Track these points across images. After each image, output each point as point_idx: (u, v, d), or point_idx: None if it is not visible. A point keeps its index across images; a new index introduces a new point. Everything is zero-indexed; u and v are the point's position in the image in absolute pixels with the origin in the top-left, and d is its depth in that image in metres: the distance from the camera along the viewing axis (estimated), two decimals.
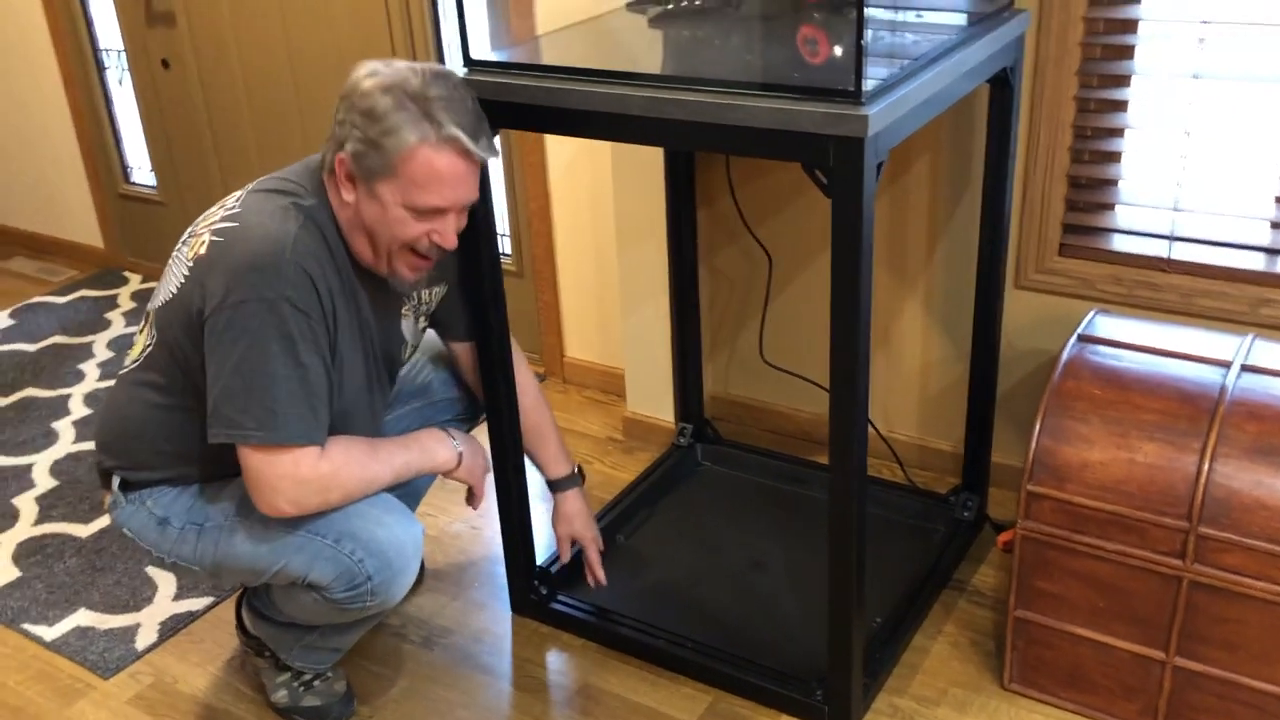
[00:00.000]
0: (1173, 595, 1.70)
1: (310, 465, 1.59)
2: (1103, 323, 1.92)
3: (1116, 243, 2.13)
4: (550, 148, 2.74)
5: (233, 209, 1.64)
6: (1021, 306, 2.24)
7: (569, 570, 2.17)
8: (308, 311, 1.58)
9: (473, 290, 1.89)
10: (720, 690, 1.95)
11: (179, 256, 1.66)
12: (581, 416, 2.83)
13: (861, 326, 1.58)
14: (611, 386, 2.89)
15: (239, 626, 1.99)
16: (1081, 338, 1.87)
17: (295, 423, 1.57)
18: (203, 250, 1.61)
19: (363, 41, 2.93)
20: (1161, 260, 2.08)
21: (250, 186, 1.69)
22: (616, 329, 2.81)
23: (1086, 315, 1.95)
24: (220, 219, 1.63)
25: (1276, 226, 2.03)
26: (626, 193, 2.49)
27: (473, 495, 1.89)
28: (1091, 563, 1.75)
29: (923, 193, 2.26)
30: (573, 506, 2.08)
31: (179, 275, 1.64)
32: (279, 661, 1.91)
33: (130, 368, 1.75)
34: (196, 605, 2.24)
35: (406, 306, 1.83)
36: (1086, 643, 1.81)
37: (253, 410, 1.55)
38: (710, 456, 2.55)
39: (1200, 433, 1.66)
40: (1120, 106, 2.06)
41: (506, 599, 2.19)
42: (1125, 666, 1.79)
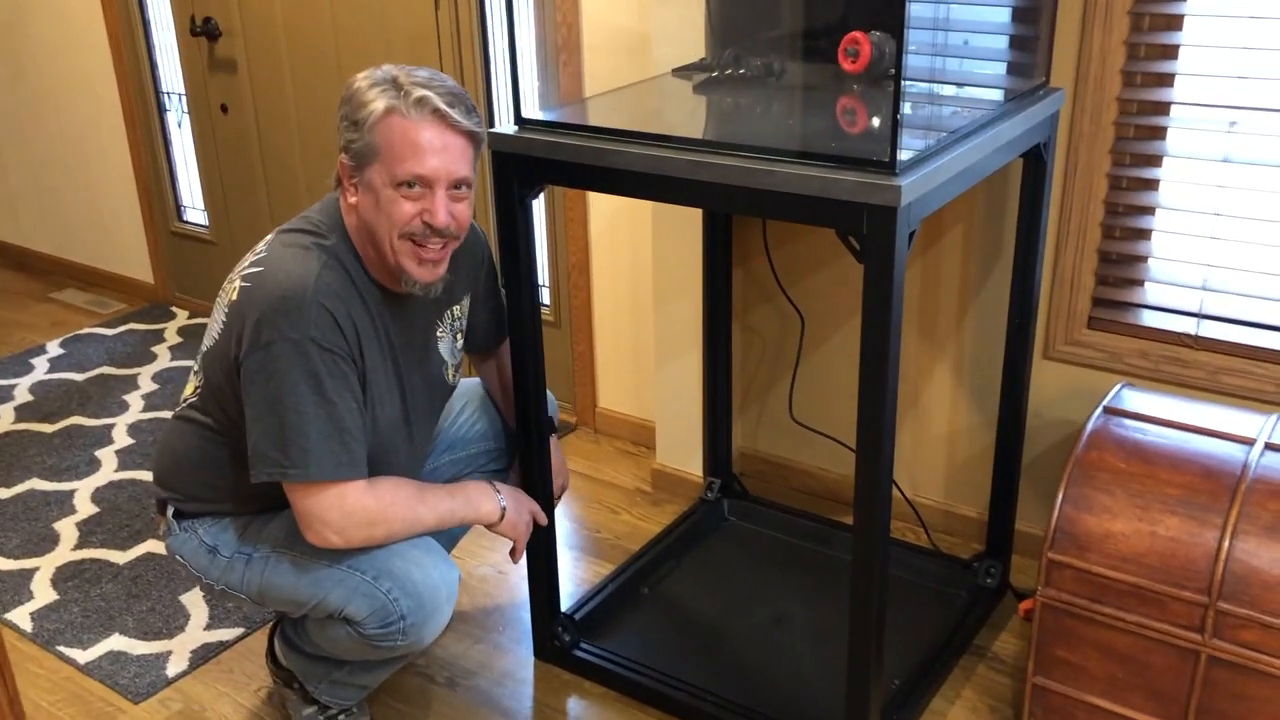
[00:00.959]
0: (1190, 670, 1.71)
1: (355, 499, 1.65)
2: (1129, 396, 1.95)
3: (1145, 318, 2.16)
4: (592, 204, 2.81)
5: (260, 253, 1.71)
6: (1049, 377, 2.27)
7: (594, 615, 2.20)
8: (333, 349, 1.63)
9: (515, 338, 1.94)
10: None
11: (219, 303, 1.74)
12: (611, 466, 2.88)
13: (890, 389, 1.62)
14: (642, 438, 2.94)
15: (270, 657, 2.03)
16: (1107, 409, 1.90)
17: (328, 459, 1.62)
18: (234, 296, 1.68)
19: None
20: (1189, 337, 2.11)
21: (277, 229, 1.76)
22: (649, 382, 2.86)
23: (1113, 388, 1.98)
24: (249, 264, 1.70)
25: None
26: (665, 250, 2.55)
27: (515, 551, 1.93)
28: (1110, 633, 1.77)
29: (955, 262, 2.31)
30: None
31: (219, 321, 1.71)
32: (307, 695, 1.95)
33: (183, 406, 1.82)
34: (228, 635, 2.29)
35: (441, 329, 1.88)
36: (1103, 713, 1.82)
37: (288, 450, 1.61)
38: (736, 512, 2.59)
39: (1222, 509, 1.68)
40: (1152, 185, 2.11)
41: (530, 643, 2.22)
42: None
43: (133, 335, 3.75)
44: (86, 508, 2.77)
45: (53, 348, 3.67)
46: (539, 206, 2.30)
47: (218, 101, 3.51)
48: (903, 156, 1.50)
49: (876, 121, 1.80)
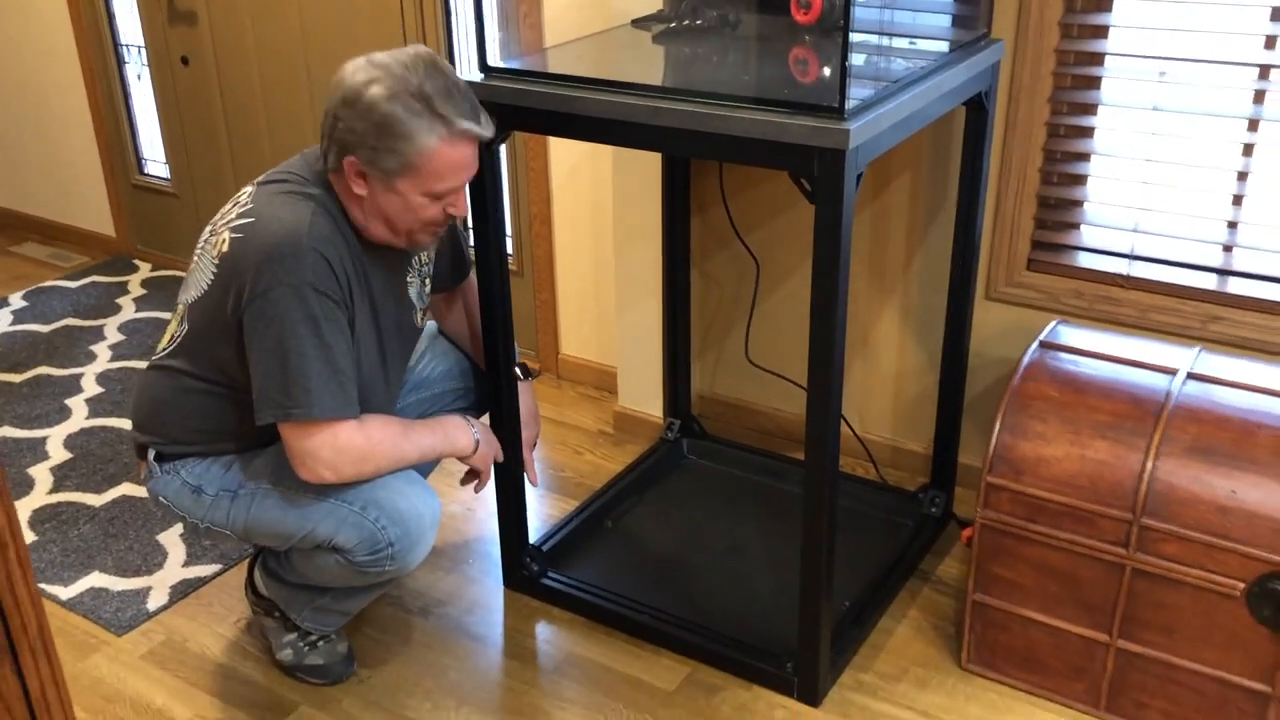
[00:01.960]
0: (1117, 582, 1.85)
1: (347, 437, 1.74)
2: (1063, 331, 2.07)
3: (1081, 260, 2.29)
4: (554, 155, 2.88)
5: (246, 205, 1.78)
6: (991, 317, 2.39)
7: (560, 547, 2.31)
8: (328, 293, 1.72)
9: (483, 283, 2.03)
10: (698, 662, 2.09)
11: (204, 254, 1.80)
12: (574, 410, 2.97)
13: (839, 324, 1.73)
14: (604, 384, 3.03)
15: (249, 589, 2.12)
16: (1043, 344, 2.02)
17: (328, 399, 1.71)
18: (225, 248, 1.75)
19: (378, 44, 3.06)
20: (1121, 277, 2.24)
21: (256, 182, 1.83)
22: (610, 329, 2.96)
23: (1049, 325, 2.10)
24: (236, 217, 1.77)
25: (1228, 249, 2.19)
26: (625, 199, 2.63)
27: (478, 479, 2.03)
28: (1044, 551, 1.90)
29: (903, 209, 2.42)
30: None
31: (208, 272, 1.78)
32: (288, 622, 2.04)
33: (161, 355, 1.89)
34: (206, 572, 2.37)
35: (411, 275, 1.96)
36: (1039, 626, 1.96)
37: (291, 390, 1.69)
38: (695, 451, 2.70)
39: (1147, 433, 1.81)
40: (1087, 133, 2.22)
41: (499, 575, 2.33)
42: (1073, 649, 1.94)
43: (96, 288, 3.78)
44: (60, 453, 2.82)
45: (15, 300, 3.69)
46: (500, 157, 2.38)
47: (178, 54, 3.52)
48: (851, 103, 1.60)
49: (827, 70, 1.90)
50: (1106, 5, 2.11)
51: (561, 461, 2.76)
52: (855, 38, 1.59)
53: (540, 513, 2.55)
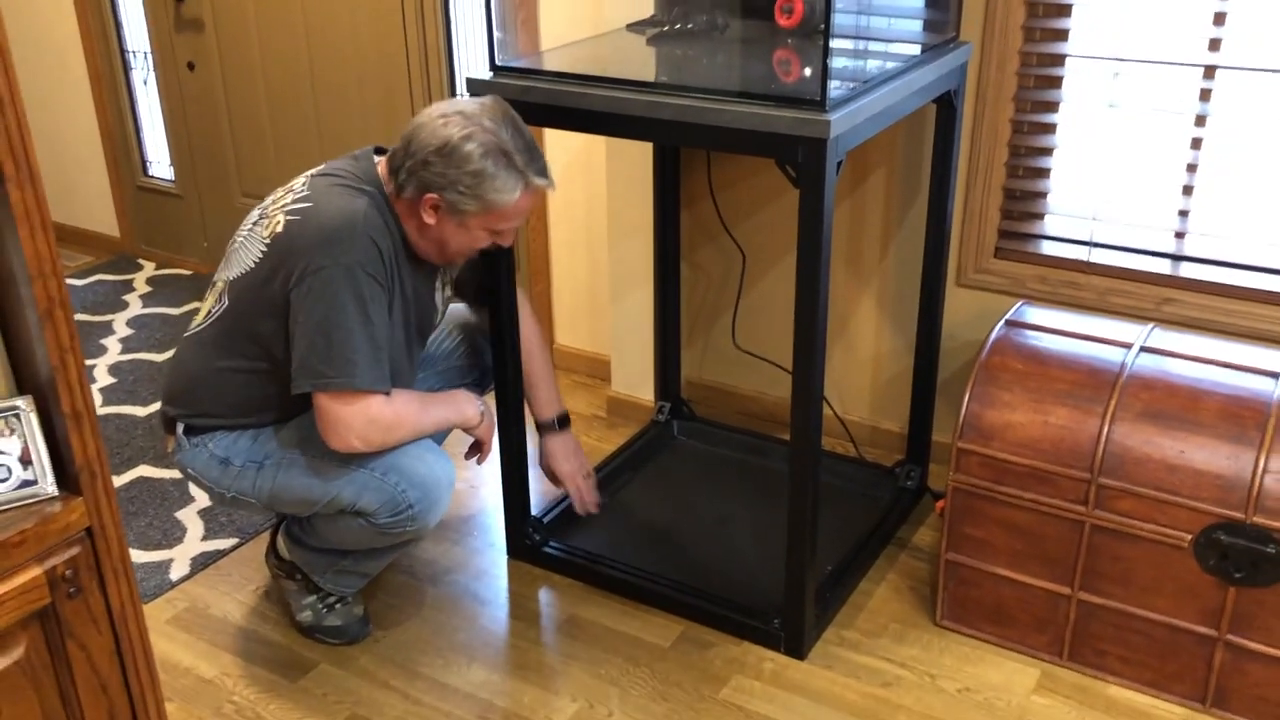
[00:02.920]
0: (1078, 538, 2.01)
1: (379, 408, 1.89)
2: (1028, 311, 2.24)
3: (1044, 247, 2.46)
4: (551, 152, 3.04)
5: (302, 192, 1.93)
6: (961, 302, 2.56)
7: (560, 519, 2.46)
8: (376, 276, 1.88)
9: (489, 268, 2.18)
10: (690, 621, 2.24)
11: (253, 235, 1.95)
12: (569, 396, 3.12)
13: (821, 306, 1.89)
14: (597, 372, 3.19)
15: (271, 554, 2.25)
16: (1009, 322, 2.19)
17: (369, 371, 1.86)
18: (279, 229, 1.90)
19: (380, 51, 3.23)
20: (1082, 263, 2.41)
21: (310, 173, 1.98)
22: (603, 319, 3.11)
23: (1015, 305, 2.27)
24: (292, 202, 1.92)
25: (1179, 236, 2.36)
26: (618, 194, 2.79)
27: (480, 453, 2.17)
28: (1011, 510, 2.06)
29: (878, 202, 2.58)
30: (552, 446, 2.37)
31: (255, 251, 1.92)
32: (309, 584, 2.18)
33: (196, 330, 2.03)
34: (224, 545, 2.50)
35: (439, 282, 2.12)
36: (1006, 582, 2.12)
37: (334, 361, 1.84)
38: (685, 432, 2.85)
39: (1103, 399, 1.98)
40: (1050, 129, 2.39)
41: (503, 545, 2.47)
42: (1038, 602, 2.10)
43: (103, 285, 3.91)
44: None
45: None
46: None
47: (184, 59, 3.66)
48: (831, 97, 1.76)
49: (809, 69, 2.07)
50: (1066, 11, 2.29)
51: None
52: (834, 42, 1.75)
53: (540, 489, 2.69)
